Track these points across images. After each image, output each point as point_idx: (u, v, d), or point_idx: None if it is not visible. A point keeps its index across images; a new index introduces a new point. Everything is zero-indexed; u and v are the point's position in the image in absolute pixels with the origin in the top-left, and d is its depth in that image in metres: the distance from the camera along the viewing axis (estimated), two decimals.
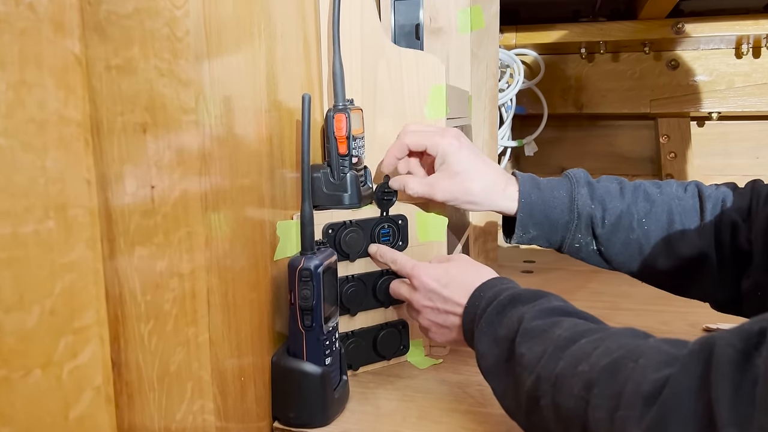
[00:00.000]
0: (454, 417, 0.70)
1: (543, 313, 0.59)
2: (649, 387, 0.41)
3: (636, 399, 0.42)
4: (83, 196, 0.39)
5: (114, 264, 0.43)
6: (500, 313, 0.62)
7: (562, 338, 0.54)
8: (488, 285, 0.67)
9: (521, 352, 0.56)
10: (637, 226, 0.76)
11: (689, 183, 0.78)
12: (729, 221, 0.73)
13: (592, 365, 0.48)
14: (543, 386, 0.52)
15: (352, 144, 0.77)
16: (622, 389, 0.44)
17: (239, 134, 0.60)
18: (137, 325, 0.45)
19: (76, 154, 0.38)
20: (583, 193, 0.77)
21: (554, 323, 0.57)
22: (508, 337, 0.59)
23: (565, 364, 0.51)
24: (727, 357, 0.37)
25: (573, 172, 0.80)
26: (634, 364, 0.45)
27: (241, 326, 0.61)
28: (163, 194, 0.48)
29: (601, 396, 0.45)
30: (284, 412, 0.69)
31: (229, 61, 0.58)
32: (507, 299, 0.63)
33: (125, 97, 0.43)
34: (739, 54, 1.52)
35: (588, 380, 0.47)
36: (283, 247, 0.71)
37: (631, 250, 0.77)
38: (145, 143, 0.45)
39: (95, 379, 0.40)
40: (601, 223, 0.76)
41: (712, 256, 0.74)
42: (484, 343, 0.62)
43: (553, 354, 0.53)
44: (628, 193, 0.77)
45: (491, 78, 1.21)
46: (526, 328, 0.57)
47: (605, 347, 0.49)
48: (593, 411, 0.45)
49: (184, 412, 0.51)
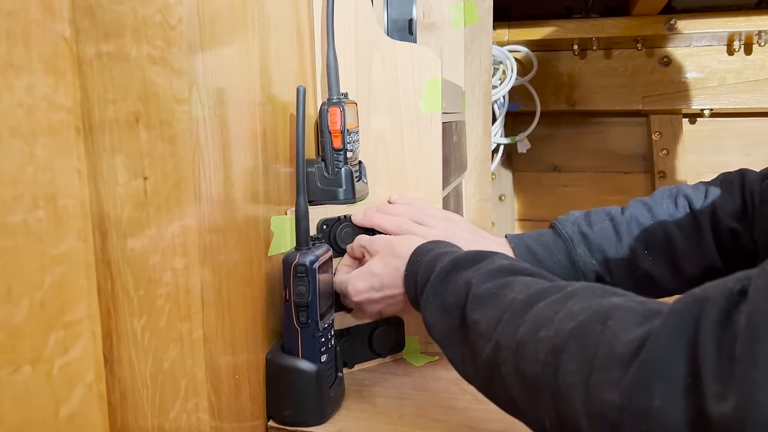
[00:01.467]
0: (452, 414, 0.69)
1: (490, 274, 0.56)
2: (624, 349, 0.40)
3: (611, 361, 0.41)
4: (73, 186, 0.37)
5: (106, 257, 0.41)
6: (444, 281, 0.60)
7: (518, 301, 0.51)
8: (423, 249, 0.65)
9: (475, 319, 0.54)
10: (642, 262, 0.75)
11: (678, 193, 0.77)
12: (727, 230, 0.73)
13: (556, 330, 0.46)
14: (503, 354, 0.50)
15: (346, 138, 0.75)
16: (594, 353, 0.42)
17: (233, 127, 0.59)
18: (130, 321, 0.44)
19: (66, 142, 0.37)
20: (581, 252, 0.76)
21: (505, 285, 0.54)
22: (457, 304, 0.57)
23: (526, 330, 0.49)
24: (711, 317, 0.36)
25: (564, 227, 0.78)
26: (602, 326, 0.43)
27: (235, 323, 0.60)
28: (156, 186, 0.46)
29: (571, 361, 0.44)
30: (279, 410, 0.67)
31: (222, 52, 0.57)
32: (450, 265, 0.60)
33: (117, 85, 0.42)
34: (730, 51, 1.52)
35: (554, 345, 0.45)
36: (277, 243, 0.70)
37: (643, 286, 0.76)
38: (137, 133, 0.44)
39: (87, 376, 0.39)
40: (607, 274, 0.76)
41: (719, 265, 0.74)
42: (432, 313, 0.60)
43: (511, 320, 0.51)
44: (623, 231, 0.76)
45: (485, 74, 1.20)
46: (476, 294, 0.55)
47: (567, 310, 0.47)
48: (564, 377, 0.44)
49: (178, 411, 0.50)
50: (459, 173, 1.06)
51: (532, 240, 0.79)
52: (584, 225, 0.78)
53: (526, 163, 1.73)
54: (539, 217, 1.71)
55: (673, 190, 0.78)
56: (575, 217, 0.80)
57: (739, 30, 1.41)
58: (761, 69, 1.52)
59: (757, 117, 1.60)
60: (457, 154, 1.04)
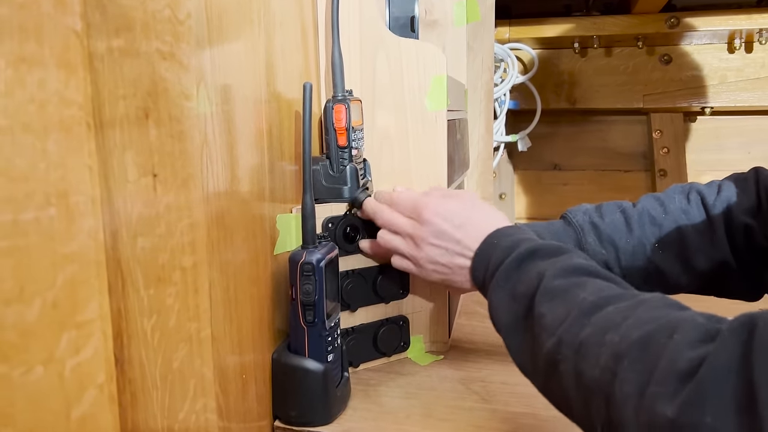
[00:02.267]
0: (459, 414, 0.68)
1: (565, 271, 0.56)
2: (685, 365, 0.40)
3: (670, 376, 0.41)
4: (85, 183, 0.37)
5: (116, 255, 0.40)
6: (518, 268, 0.59)
7: (588, 302, 0.51)
8: (503, 233, 0.65)
9: (541, 312, 0.54)
10: (652, 255, 0.75)
11: (690, 189, 0.77)
12: (741, 225, 0.72)
13: (622, 336, 0.46)
14: (565, 351, 0.50)
15: (351, 136, 0.75)
16: (654, 365, 0.42)
17: (239, 124, 0.58)
18: (140, 320, 0.43)
19: (77, 139, 0.36)
20: (591, 241, 0.76)
21: (577, 284, 0.54)
22: (526, 294, 0.56)
23: (592, 330, 0.49)
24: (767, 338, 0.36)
25: (575, 216, 0.78)
26: (667, 339, 0.43)
27: (242, 322, 0.59)
28: (166, 183, 0.46)
29: (631, 370, 0.44)
30: (285, 410, 0.67)
31: (229, 48, 0.56)
32: (526, 252, 0.60)
33: (127, 80, 0.41)
34: (731, 49, 1.52)
35: (617, 352, 0.45)
36: (283, 241, 0.69)
37: (652, 279, 0.75)
38: (147, 129, 0.43)
39: (98, 377, 0.38)
40: (616, 264, 0.75)
41: (731, 261, 0.73)
42: (499, 297, 0.59)
43: (578, 318, 0.50)
44: (635, 223, 0.76)
45: (487, 71, 1.19)
46: (547, 287, 0.55)
47: (636, 318, 0.47)
48: (621, 384, 0.44)
49: (187, 411, 0.49)
50: (462, 171, 1.05)
51: (542, 229, 0.78)
52: (595, 216, 0.77)
53: (526, 161, 1.72)
54: (539, 216, 1.71)
55: (686, 187, 0.78)
56: (586, 208, 0.79)
57: (740, 28, 1.41)
58: (762, 67, 1.52)
59: (757, 115, 1.60)
60: (461, 152, 1.03)
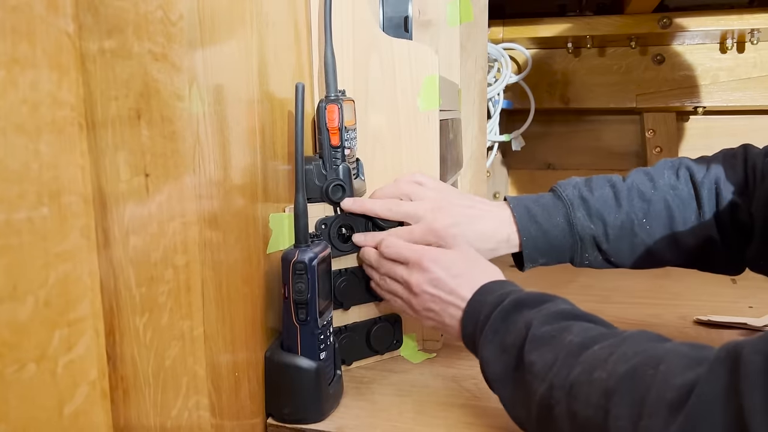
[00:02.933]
0: (451, 411, 0.69)
1: (551, 317, 0.57)
2: (674, 394, 0.41)
3: (660, 406, 0.41)
4: (77, 183, 0.37)
5: (108, 254, 0.41)
6: (505, 320, 0.60)
7: (574, 344, 0.53)
8: (489, 288, 0.65)
9: (531, 360, 0.55)
10: (639, 230, 0.75)
11: (680, 165, 0.77)
12: (727, 203, 0.73)
13: (609, 372, 0.47)
14: (556, 394, 0.51)
15: (344, 135, 0.75)
16: (644, 397, 0.43)
17: (231, 124, 0.59)
18: (132, 318, 0.43)
19: (70, 139, 0.36)
20: (579, 215, 0.76)
21: (564, 328, 0.55)
22: (515, 344, 0.58)
23: (580, 370, 0.50)
24: (756, 365, 0.36)
25: (565, 190, 0.78)
26: (654, 370, 0.44)
27: (235, 320, 0.60)
28: (158, 183, 0.46)
29: (622, 405, 0.44)
30: (278, 408, 0.67)
31: (221, 48, 0.57)
32: (511, 304, 0.61)
33: (119, 81, 0.42)
34: (723, 49, 1.53)
35: (606, 388, 0.46)
36: (275, 240, 0.69)
37: (639, 252, 0.76)
38: (139, 129, 0.44)
39: (90, 374, 0.38)
40: (604, 239, 0.76)
41: (716, 238, 0.74)
42: (489, 351, 0.60)
43: (566, 361, 0.51)
44: (624, 198, 0.76)
45: (480, 71, 1.20)
46: (535, 335, 0.56)
47: (621, 353, 0.48)
48: (615, 420, 0.44)
49: (180, 409, 0.50)
50: (455, 171, 1.06)
51: (531, 202, 0.78)
52: (585, 190, 0.78)
53: (520, 160, 1.73)
54: None
55: (675, 162, 0.78)
56: (576, 181, 0.79)
57: (732, 28, 1.42)
58: (753, 67, 1.52)
59: (749, 115, 1.60)
60: (454, 151, 1.04)
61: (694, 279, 1.16)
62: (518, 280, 0.69)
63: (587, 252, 0.77)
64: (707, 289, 1.12)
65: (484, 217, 0.77)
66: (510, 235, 0.77)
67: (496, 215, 0.78)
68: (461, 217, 0.75)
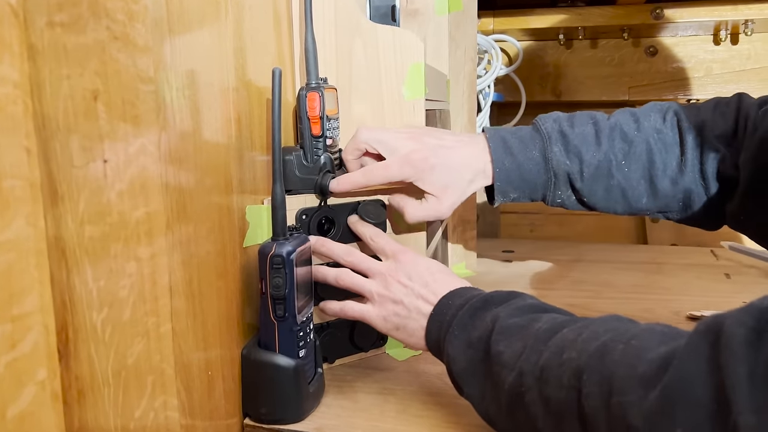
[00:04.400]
0: (435, 410, 0.66)
1: (519, 311, 0.56)
2: (646, 368, 0.38)
3: (632, 382, 0.39)
4: (22, 166, 0.34)
5: (60, 244, 0.38)
6: (473, 316, 0.58)
7: (542, 330, 0.50)
8: (457, 293, 0.63)
9: (499, 350, 0.52)
10: (617, 171, 0.73)
11: (668, 109, 0.75)
12: (712, 151, 0.70)
13: (579, 351, 0.45)
14: (527, 381, 0.48)
15: (326, 125, 0.72)
16: (613, 372, 0.41)
17: (204, 111, 0.56)
18: (89, 313, 0.41)
19: (12, 118, 0.33)
20: (556, 150, 0.73)
21: (532, 319, 0.53)
22: (482, 338, 0.55)
23: (550, 354, 0.47)
24: (738, 337, 0.33)
25: (544, 123, 0.75)
26: (624, 345, 0.42)
27: (207, 316, 0.57)
28: (118, 169, 0.43)
29: (591, 382, 0.42)
30: (255, 407, 0.65)
31: (192, 31, 0.54)
32: (479, 302, 0.59)
33: (72, 59, 0.39)
34: (717, 40, 1.51)
35: (576, 367, 0.44)
36: (253, 233, 0.67)
37: (614, 195, 0.74)
38: (96, 112, 0.41)
39: (38, 373, 0.36)
40: (579, 177, 0.73)
41: (697, 189, 0.72)
42: (455, 347, 0.58)
43: (534, 347, 0.49)
44: (604, 137, 0.73)
45: (469, 62, 1.17)
46: (503, 326, 0.54)
47: (591, 332, 0.46)
48: (587, 399, 0.42)
49: (144, 409, 0.47)
50: None
51: (509, 133, 0.76)
52: (565, 124, 0.75)
53: None
54: (524, 210, 1.69)
55: (664, 106, 0.76)
56: (558, 115, 0.76)
57: (726, 19, 1.40)
58: (747, 59, 1.50)
59: None
60: None
61: (687, 274, 1.15)
62: (509, 272, 0.66)
63: (560, 190, 0.75)
64: (701, 284, 1.09)
65: (461, 148, 0.74)
66: (486, 165, 0.74)
67: (473, 146, 0.75)
68: (438, 149, 0.73)
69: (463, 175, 0.74)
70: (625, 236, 1.61)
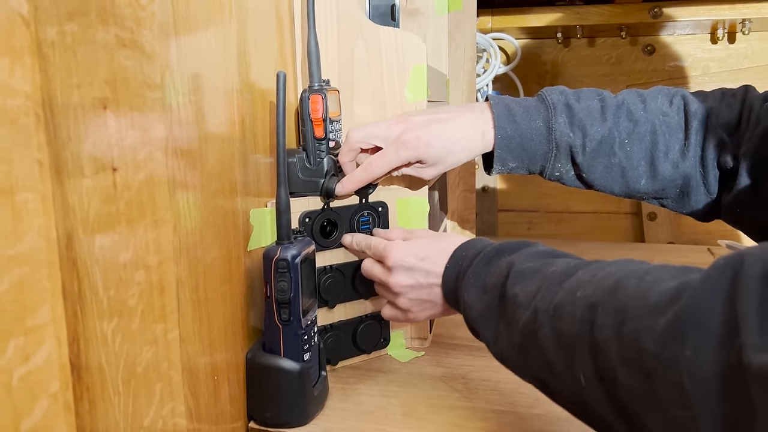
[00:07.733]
0: (440, 413, 0.66)
1: (533, 256, 0.56)
2: (658, 297, 0.39)
3: (645, 311, 0.40)
4: (34, 179, 0.34)
5: (72, 255, 0.38)
6: (487, 264, 0.59)
7: (557, 273, 0.51)
8: (469, 244, 0.64)
9: (514, 293, 0.53)
10: (619, 149, 0.73)
11: (675, 93, 0.75)
12: (715, 139, 0.71)
13: (594, 288, 0.45)
14: (541, 318, 0.49)
15: (328, 127, 0.72)
16: (626, 303, 0.42)
17: (209, 115, 0.56)
18: (99, 324, 0.40)
19: (24, 131, 0.33)
20: (560, 121, 0.73)
21: (547, 263, 0.54)
22: (497, 283, 0.56)
23: (564, 294, 0.48)
24: (754, 271, 0.35)
25: (550, 95, 0.75)
26: (638, 281, 0.43)
27: (213, 322, 0.57)
28: (127, 178, 0.43)
29: (605, 315, 0.43)
30: (260, 411, 0.65)
31: (197, 35, 0.53)
32: (493, 251, 0.60)
33: (82, 68, 0.38)
34: (714, 39, 1.51)
35: (591, 303, 0.44)
36: (257, 237, 0.67)
37: (613, 174, 0.74)
38: (105, 120, 0.41)
39: (51, 385, 0.36)
40: (581, 150, 0.73)
41: (696, 176, 0.72)
42: (471, 294, 0.58)
43: (550, 288, 0.50)
44: (610, 113, 0.73)
45: (469, 61, 1.17)
46: (518, 271, 0.54)
47: (605, 272, 0.47)
48: (599, 330, 0.43)
49: (153, 417, 0.47)
50: None
51: (514, 102, 0.76)
52: (572, 98, 0.75)
53: None
54: (522, 208, 1.70)
55: (672, 90, 0.76)
56: (564, 89, 0.76)
57: (723, 18, 1.40)
58: (744, 58, 1.51)
59: None
60: None
61: None
62: None
63: (560, 162, 0.74)
64: None
65: (456, 119, 0.74)
66: (486, 131, 0.74)
67: (471, 114, 0.75)
68: (429, 124, 0.73)
69: (458, 145, 0.73)
70: (622, 235, 1.62)
